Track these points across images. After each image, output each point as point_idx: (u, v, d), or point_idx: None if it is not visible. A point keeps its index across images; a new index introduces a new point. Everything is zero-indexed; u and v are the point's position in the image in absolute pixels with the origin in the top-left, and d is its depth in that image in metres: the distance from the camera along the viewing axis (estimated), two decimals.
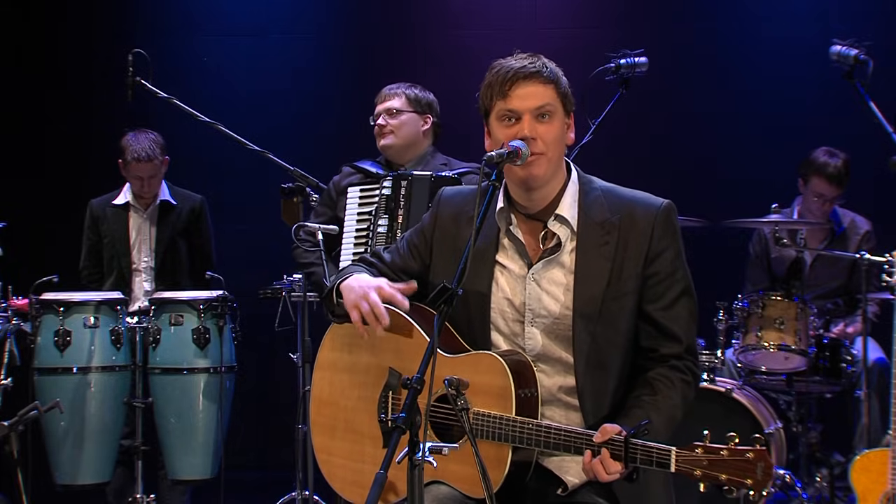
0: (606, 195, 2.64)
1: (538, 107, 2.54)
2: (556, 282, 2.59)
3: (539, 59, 2.59)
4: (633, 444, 2.33)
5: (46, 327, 4.56)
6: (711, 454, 2.27)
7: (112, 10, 6.53)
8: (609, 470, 2.36)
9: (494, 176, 2.48)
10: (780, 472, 4.64)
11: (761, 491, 2.25)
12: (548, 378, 2.59)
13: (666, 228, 2.59)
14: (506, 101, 2.56)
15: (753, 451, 2.26)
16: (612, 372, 2.57)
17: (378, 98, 4.42)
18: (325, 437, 2.82)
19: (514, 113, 2.55)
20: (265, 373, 6.16)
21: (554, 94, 2.56)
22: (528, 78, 2.54)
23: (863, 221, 5.30)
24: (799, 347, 4.73)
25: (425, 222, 2.79)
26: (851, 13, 6.02)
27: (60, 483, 4.58)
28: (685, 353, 2.58)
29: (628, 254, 2.57)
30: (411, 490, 2.19)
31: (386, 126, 4.33)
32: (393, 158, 4.36)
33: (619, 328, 2.57)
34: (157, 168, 5.12)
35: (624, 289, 2.56)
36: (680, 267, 2.60)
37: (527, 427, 2.46)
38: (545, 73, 2.55)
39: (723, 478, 2.26)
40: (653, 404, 2.49)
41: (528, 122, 2.54)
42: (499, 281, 2.64)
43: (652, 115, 5.96)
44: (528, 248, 2.63)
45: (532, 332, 2.60)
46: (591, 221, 2.59)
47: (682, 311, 2.59)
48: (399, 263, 2.79)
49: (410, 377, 2.23)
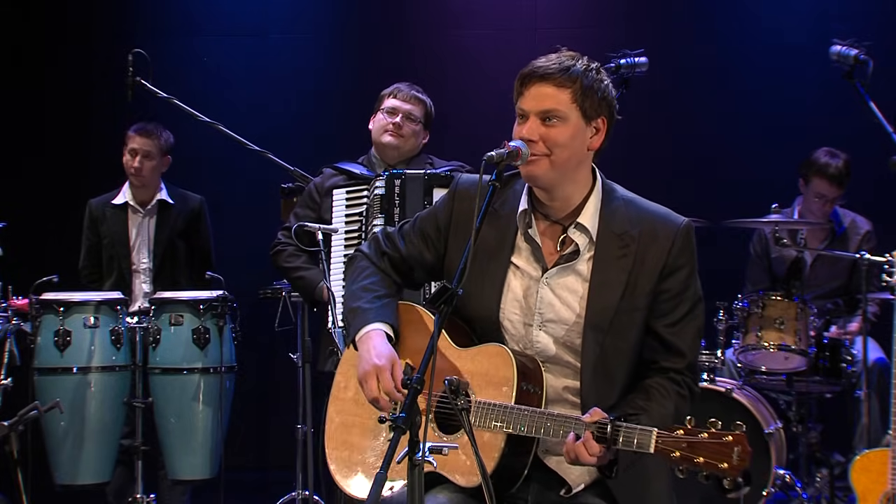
0: (628, 206, 2.62)
1: (545, 110, 2.52)
2: (569, 289, 2.59)
3: (572, 59, 2.55)
4: (617, 426, 2.34)
5: (46, 327, 4.56)
6: (691, 436, 2.28)
7: (112, 11, 6.53)
8: (590, 451, 2.36)
9: (494, 176, 2.47)
10: (780, 472, 4.64)
11: (736, 476, 2.26)
12: (555, 378, 2.60)
13: (684, 247, 2.58)
14: (520, 100, 2.56)
15: (732, 435, 2.27)
16: (618, 383, 2.57)
17: (398, 94, 4.36)
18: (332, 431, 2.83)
19: (524, 112, 2.55)
20: (265, 373, 6.16)
21: (568, 97, 2.52)
22: (543, 79, 2.52)
23: (863, 221, 5.30)
24: (799, 347, 4.73)
25: (440, 212, 2.75)
26: (851, 13, 6.02)
27: (60, 483, 4.58)
28: (686, 369, 2.58)
29: (645, 269, 2.56)
30: (411, 490, 2.19)
31: (403, 128, 4.31)
32: (387, 158, 4.33)
33: (628, 340, 2.57)
34: (153, 146, 5.10)
35: (637, 303, 2.55)
36: (692, 286, 2.59)
37: (516, 411, 2.46)
38: (563, 75, 2.51)
39: (699, 461, 2.27)
40: (645, 409, 2.49)
41: (531, 123, 2.52)
42: (511, 283, 2.63)
43: (652, 115, 5.95)
44: (544, 253, 2.62)
45: (541, 336, 2.59)
46: (611, 232, 2.58)
47: (688, 328, 2.59)
48: (415, 254, 2.76)
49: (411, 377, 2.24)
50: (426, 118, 4.37)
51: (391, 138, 4.30)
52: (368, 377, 2.56)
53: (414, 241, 2.77)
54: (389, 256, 2.80)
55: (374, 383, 2.55)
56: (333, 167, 4.32)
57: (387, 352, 2.58)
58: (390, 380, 2.53)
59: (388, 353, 2.58)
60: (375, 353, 2.57)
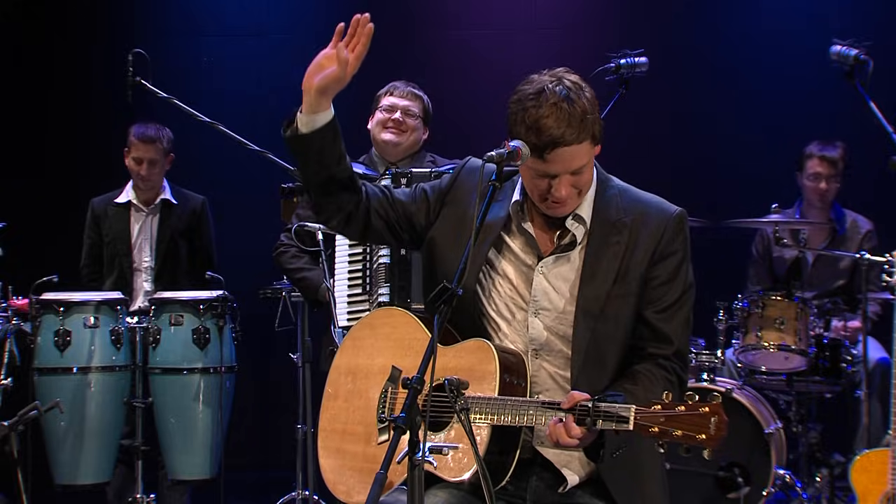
0: (622, 195, 2.64)
1: (575, 169, 2.51)
2: (563, 277, 2.59)
3: (570, 102, 2.46)
4: (596, 406, 2.34)
5: (46, 327, 4.56)
6: (668, 410, 2.28)
7: (112, 11, 6.54)
8: (570, 433, 2.36)
9: (494, 176, 2.47)
10: (780, 472, 4.64)
11: (714, 447, 2.26)
12: (547, 366, 2.61)
13: (675, 234, 2.59)
14: (543, 164, 2.49)
15: (708, 406, 2.27)
16: (609, 369, 2.58)
17: (395, 91, 4.36)
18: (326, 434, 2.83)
19: (548, 174, 2.51)
20: (265, 373, 6.16)
21: (588, 145, 2.50)
22: (567, 145, 2.46)
23: (865, 221, 5.30)
24: (799, 347, 4.73)
25: (444, 183, 2.75)
26: (851, 13, 6.02)
27: (60, 483, 4.58)
28: (673, 355, 2.59)
29: (636, 255, 2.57)
30: (411, 490, 2.18)
31: (403, 124, 4.31)
32: (388, 156, 4.34)
33: (620, 327, 2.58)
34: (158, 152, 5.12)
35: (628, 289, 2.57)
36: (682, 273, 2.60)
37: (499, 402, 2.45)
38: (580, 131, 2.46)
39: (677, 434, 2.27)
40: (631, 392, 2.48)
41: (565, 182, 2.51)
42: (507, 271, 2.64)
43: (652, 115, 5.96)
44: (539, 243, 2.63)
45: (535, 324, 2.60)
46: (604, 220, 2.60)
47: (677, 316, 2.59)
48: (408, 205, 2.74)
49: (410, 376, 2.23)
50: (424, 114, 4.37)
51: (391, 135, 4.30)
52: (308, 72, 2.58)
53: (414, 197, 2.75)
54: (385, 194, 2.74)
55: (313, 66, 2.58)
56: None
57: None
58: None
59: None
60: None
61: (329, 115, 2.61)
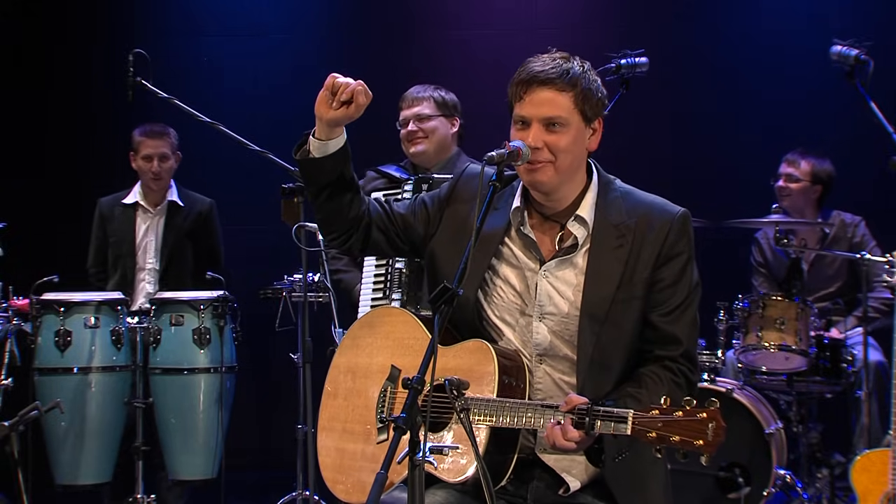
0: (625, 198, 2.63)
1: (548, 117, 2.50)
2: (567, 281, 2.59)
3: (567, 61, 2.52)
4: (594, 410, 2.34)
5: (47, 327, 4.57)
6: (666, 416, 2.28)
7: (112, 11, 6.53)
8: (566, 435, 2.36)
9: (494, 176, 2.47)
10: (780, 472, 4.64)
11: (712, 453, 2.25)
12: (552, 370, 2.60)
13: (680, 235, 2.58)
14: (520, 106, 2.53)
15: (706, 412, 2.27)
16: (614, 373, 2.57)
17: (403, 102, 4.39)
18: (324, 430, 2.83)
19: (524, 118, 2.53)
20: (265, 373, 6.16)
21: (570, 102, 2.50)
22: (544, 84, 2.49)
23: (850, 216, 5.29)
24: (799, 348, 4.73)
25: (442, 193, 2.76)
26: (851, 13, 6.02)
27: (60, 483, 4.59)
28: (681, 356, 2.58)
29: (641, 258, 2.56)
30: (411, 490, 2.18)
31: (417, 132, 4.32)
32: (422, 164, 4.36)
33: (624, 330, 2.56)
34: (168, 146, 5.14)
35: (633, 292, 2.55)
36: (688, 275, 2.59)
37: (498, 404, 2.45)
38: (564, 80, 2.49)
39: (675, 439, 2.27)
40: (635, 396, 2.48)
41: (536, 130, 2.51)
42: (509, 276, 2.63)
43: (652, 115, 5.95)
44: (541, 247, 2.61)
45: (540, 328, 2.59)
46: (607, 223, 2.58)
47: (684, 317, 2.58)
48: (407, 217, 2.75)
49: (410, 377, 2.23)
50: (438, 108, 4.36)
51: (413, 147, 4.35)
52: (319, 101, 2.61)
53: (414, 210, 2.76)
54: (385, 210, 2.76)
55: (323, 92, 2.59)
56: (376, 170, 4.35)
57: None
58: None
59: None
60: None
61: (341, 140, 2.65)
